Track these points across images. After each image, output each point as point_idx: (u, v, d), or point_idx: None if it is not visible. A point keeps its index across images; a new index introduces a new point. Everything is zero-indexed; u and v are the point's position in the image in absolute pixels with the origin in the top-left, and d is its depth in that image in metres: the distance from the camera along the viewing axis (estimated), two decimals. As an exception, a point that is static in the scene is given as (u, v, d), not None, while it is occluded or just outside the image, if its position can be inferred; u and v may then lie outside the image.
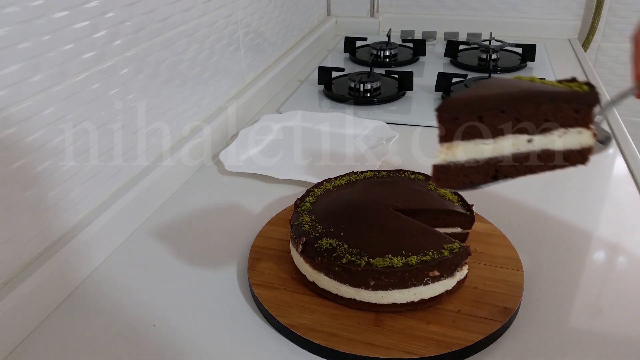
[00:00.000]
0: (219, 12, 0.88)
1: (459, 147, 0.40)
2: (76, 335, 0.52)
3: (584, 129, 0.42)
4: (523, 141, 0.41)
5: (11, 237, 0.52)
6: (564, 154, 0.42)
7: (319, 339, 0.49)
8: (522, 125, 0.40)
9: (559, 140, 0.41)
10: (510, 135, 0.40)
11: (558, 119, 0.40)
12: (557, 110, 0.40)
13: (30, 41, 0.51)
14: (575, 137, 0.42)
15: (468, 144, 0.40)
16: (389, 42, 1.34)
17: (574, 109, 0.41)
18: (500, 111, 0.39)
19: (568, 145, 0.42)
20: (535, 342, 0.50)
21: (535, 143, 0.41)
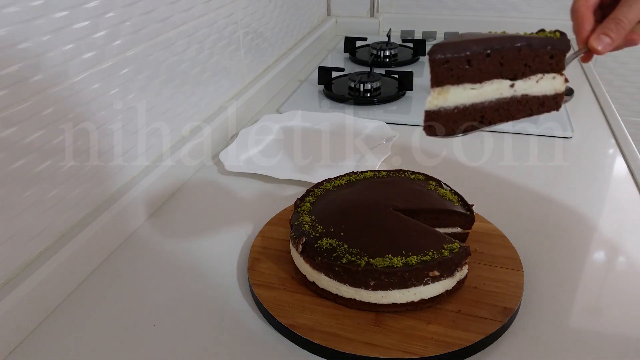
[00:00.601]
0: (219, 12, 0.88)
1: (449, 92, 0.43)
2: (76, 336, 0.52)
3: (558, 74, 0.45)
4: (506, 86, 0.44)
5: (11, 237, 0.52)
6: (540, 100, 0.45)
7: (319, 339, 0.49)
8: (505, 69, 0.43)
9: (536, 85, 0.44)
10: (494, 80, 0.43)
11: (536, 64, 0.43)
12: (535, 54, 0.43)
13: (30, 41, 0.51)
14: (550, 82, 0.45)
15: (457, 88, 0.43)
16: (389, 42, 1.34)
17: (549, 54, 0.44)
18: (486, 55, 0.42)
19: (544, 91, 0.45)
20: (535, 342, 0.50)
21: (517, 88, 0.44)
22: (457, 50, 0.42)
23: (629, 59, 1.50)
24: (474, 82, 0.43)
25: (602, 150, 0.87)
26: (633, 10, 0.44)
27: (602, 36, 0.45)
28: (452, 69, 0.42)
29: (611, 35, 0.45)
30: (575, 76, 1.20)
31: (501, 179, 0.78)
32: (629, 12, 0.44)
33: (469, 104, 0.43)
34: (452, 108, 0.43)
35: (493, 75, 0.43)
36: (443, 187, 0.63)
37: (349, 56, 1.36)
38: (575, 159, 0.84)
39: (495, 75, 0.43)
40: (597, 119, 0.98)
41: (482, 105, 0.44)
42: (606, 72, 1.52)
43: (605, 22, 0.45)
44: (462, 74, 0.43)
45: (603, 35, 0.45)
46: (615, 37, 0.45)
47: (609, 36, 0.45)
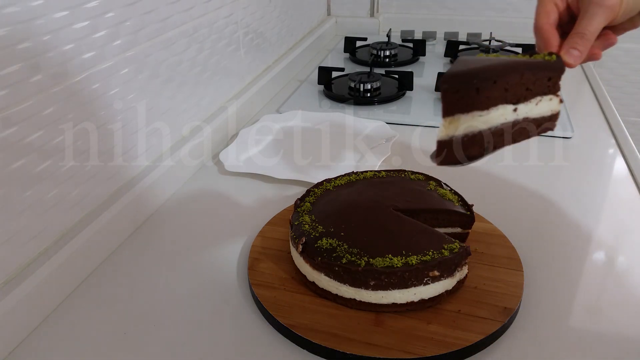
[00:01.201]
0: (219, 12, 0.88)
1: (459, 120, 0.44)
2: (76, 336, 0.52)
3: (554, 95, 0.47)
4: (510, 111, 0.45)
5: (11, 237, 0.52)
6: (538, 121, 0.47)
7: (319, 339, 0.49)
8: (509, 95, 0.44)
9: (536, 108, 0.46)
10: (500, 105, 0.44)
11: (536, 87, 0.45)
12: (536, 78, 0.45)
13: (30, 41, 0.51)
14: (547, 104, 0.46)
15: (467, 116, 0.44)
16: (389, 42, 1.34)
17: (547, 77, 0.45)
18: (493, 82, 0.43)
19: (542, 112, 0.46)
20: (535, 342, 0.50)
21: (519, 111, 0.45)
22: (466, 79, 0.43)
23: (629, 59, 1.50)
24: (481, 109, 0.44)
25: (602, 150, 0.87)
26: (593, 24, 0.47)
27: (572, 50, 0.47)
28: (463, 97, 0.43)
29: (579, 49, 0.47)
30: (575, 76, 1.20)
31: (501, 179, 0.78)
32: (590, 26, 0.47)
33: (476, 131, 0.44)
34: (461, 136, 0.44)
35: (498, 102, 0.44)
36: (443, 187, 0.63)
37: (349, 56, 1.36)
38: (575, 159, 0.84)
39: (500, 101, 0.44)
40: (597, 119, 0.98)
41: (489, 131, 0.45)
42: (606, 72, 1.52)
43: (570, 38, 0.48)
44: (471, 102, 0.43)
45: (572, 49, 0.47)
46: (582, 50, 0.47)
47: (577, 49, 0.47)
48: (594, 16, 0.47)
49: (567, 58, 0.47)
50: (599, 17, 0.47)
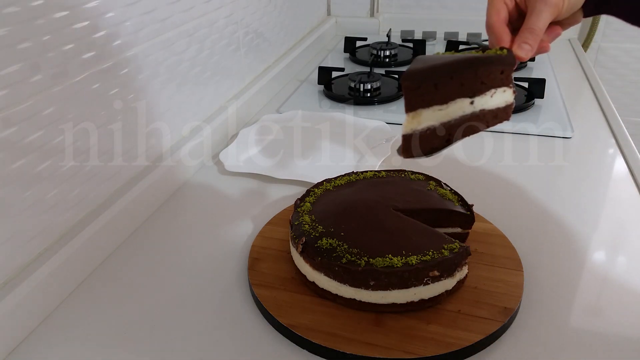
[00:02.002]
0: (219, 12, 0.88)
1: (422, 115, 0.47)
2: (76, 336, 0.52)
3: (507, 87, 0.49)
4: (467, 104, 0.47)
5: (11, 237, 0.52)
6: (494, 112, 0.49)
7: (319, 339, 0.49)
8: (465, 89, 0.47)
9: (491, 100, 0.48)
10: (457, 99, 0.47)
11: (489, 81, 0.48)
12: (489, 72, 0.47)
13: (30, 41, 0.51)
14: (502, 95, 0.49)
15: (428, 110, 0.47)
16: (389, 42, 1.34)
17: (500, 70, 0.48)
18: (450, 77, 0.46)
19: (497, 104, 0.49)
20: (535, 342, 0.50)
21: (475, 104, 0.48)
22: (426, 76, 0.46)
23: (629, 59, 1.50)
24: (440, 103, 0.47)
25: (602, 150, 0.87)
26: (542, 19, 0.50)
27: (523, 44, 0.50)
28: (423, 93, 0.46)
29: (529, 43, 0.50)
30: (575, 76, 1.20)
31: (501, 179, 0.78)
32: (539, 21, 0.50)
33: (437, 124, 0.47)
34: (424, 130, 0.47)
35: (456, 96, 0.47)
36: (443, 187, 0.63)
37: (349, 56, 1.36)
38: (575, 159, 0.84)
39: (457, 95, 0.47)
40: (597, 119, 0.98)
41: (449, 124, 0.48)
42: (606, 72, 1.52)
43: (521, 33, 0.51)
44: (431, 97, 0.47)
45: (524, 44, 0.50)
46: (532, 43, 0.51)
47: (528, 44, 0.50)
48: (541, 13, 0.50)
49: (519, 52, 0.50)
50: (545, 13, 0.50)
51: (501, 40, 0.52)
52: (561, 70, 1.23)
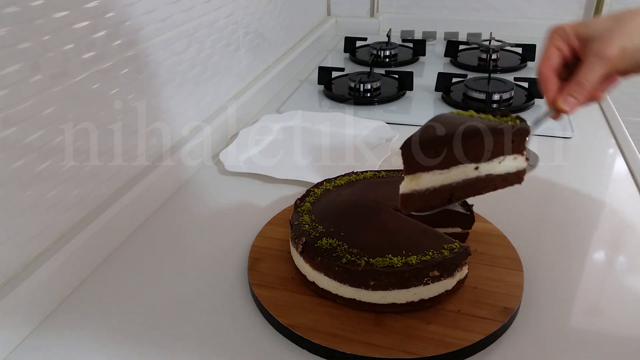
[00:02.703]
0: (219, 12, 0.88)
1: (421, 178, 0.48)
2: (76, 336, 0.52)
3: (519, 155, 0.49)
4: (471, 169, 0.48)
5: (11, 237, 0.52)
6: (503, 177, 0.49)
7: (319, 338, 0.49)
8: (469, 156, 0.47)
9: (499, 166, 0.48)
10: (460, 165, 0.48)
11: (497, 149, 0.48)
12: (497, 142, 0.47)
13: (30, 41, 0.51)
14: (512, 162, 0.49)
15: (427, 174, 0.48)
16: (389, 42, 1.34)
17: (510, 140, 0.48)
18: (451, 146, 0.47)
19: (506, 169, 0.49)
20: (535, 342, 0.50)
21: (481, 169, 0.48)
22: (427, 145, 0.47)
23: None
24: (441, 168, 0.48)
25: (602, 150, 0.87)
26: (593, 74, 0.48)
27: (569, 97, 0.49)
28: (423, 159, 0.48)
29: (576, 97, 0.49)
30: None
31: (501, 179, 0.78)
32: (590, 75, 0.48)
33: (438, 186, 0.48)
34: (423, 190, 0.48)
35: (458, 162, 0.47)
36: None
37: (349, 56, 1.36)
38: (575, 159, 0.84)
39: (460, 162, 0.47)
40: (597, 119, 0.98)
41: (450, 186, 0.48)
42: (606, 72, 1.51)
43: (569, 85, 0.49)
44: (431, 163, 0.48)
45: (569, 97, 0.49)
46: (579, 98, 0.49)
47: (574, 97, 0.49)
48: (594, 66, 0.48)
49: (563, 105, 0.49)
50: (598, 67, 0.48)
51: (546, 90, 0.50)
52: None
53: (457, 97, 1.04)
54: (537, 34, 1.46)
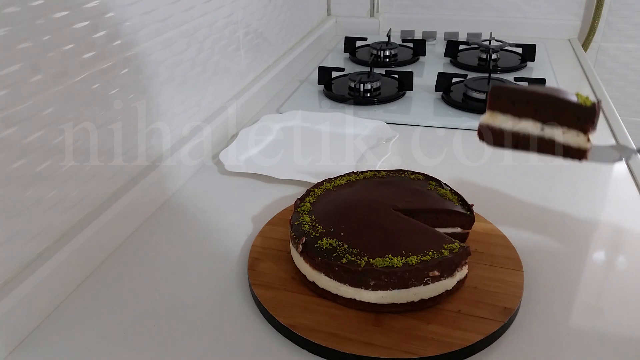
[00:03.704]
0: (219, 12, 0.88)
1: (497, 116, 0.58)
2: (76, 336, 0.52)
3: (582, 133, 0.54)
4: (537, 127, 0.56)
5: (11, 237, 0.52)
6: (565, 148, 0.56)
7: (319, 338, 0.49)
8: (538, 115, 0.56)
9: (562, 135, 0.55)
10: (529, 120, 0.57)
11: (562, 120, 0.55)
12: (562, 113, 0.55)
13: (30, 41, 0.51)
14: (574, 137, 0.55)
15: (502, 116, 0.58)
16: (389, 42, 1.34)
17: (575, 116, 0.54)
18: (526, 101, 0.56)
19: (568, 142, 0.55)
20: (535, 342, 0.50)
21: (545, 132, 0.56)
22: (508, 92, 0.57)
23: (629, 59, 1.50)
24: (514, 115, 0.57)
25: (602, 150, 0.87)
26: None
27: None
28: (502, 103, 0.57)
29: None
30: (575, 76, 1.20)
31: (501, 179, 0.78)
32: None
33: (508, 129, 0.58)
34: (496, 127, 0.58)
35: (528, 117, 0.56)
36: (443, 187, 0.63)
37: (349, 56, 1.36)
38: (575, 159, 0.83)
39: (529, 117, 0.56)
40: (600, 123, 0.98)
41: (518, 134, 0.57)
42: (606, 72, 1.52)
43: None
44: (506, 108, 0.57)
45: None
46: None
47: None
48: None
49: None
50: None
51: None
52: (561, 70, 1.23)
53: (457, 97, 1.04)
54: (537, 34, 1.47)
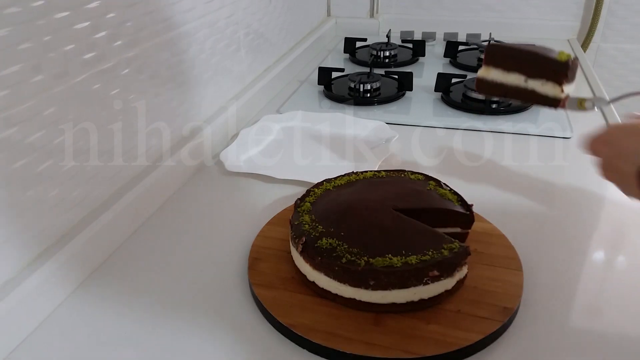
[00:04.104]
0: (220, 12, 0.88)
1: (491, 71, 0.70)
2: (76, 336, 0.52)
3: (558, 85, 0.65)
4: (522, 79, 0.68)
5: (11, 237, 0.52)
6: (543, 97, 0.67)
7: (319, 338, 0.49)
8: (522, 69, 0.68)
9: (541, 86, 0.66)
10: (516, 73, 0.68)
11: (541, 72, 0.66)
12: (542, 68, 0.66)
13: (31, 41, 0.51)
14: (552, 88, 0.66)
15: (495, 70, 0.70)
16: (388, 42, 1.34)
17: (552, 70, 0.65)
18: (512, 56, 0.68)
19: (547, 92, 0.66)
20: (535, 342, 0.50)
21: (528, 83, 0.67)
22: (500, 50, 0.70)
23: (628, 60, 1.50)
24: (504, 69, 0.69)
25: (602, 150, 0.87)
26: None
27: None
28: (495, 58, 0.70)
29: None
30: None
31: (501, 179, 0.78)
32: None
33: (499, 81, 0.70)
34: (490, 80, 0.71)
35: (515, 70, 0.68)
36: (443, 187, 0.63)
37: (348, 57, 1.37)
38: (575, 159, 0.84)
39: (516, 70, 0.68)
40: (596, 119, 0.98)
41: (506, 85, 0.69)
42: (606, 72, 1.52)
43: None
44: (498, 63, 0.70)
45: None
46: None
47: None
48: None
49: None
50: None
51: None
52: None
53: (456, 98, 1.04)
54: (536, 35, 1.47)
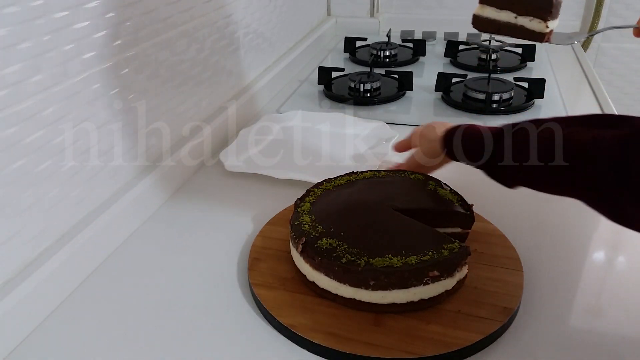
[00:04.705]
0: (219, 12, 0.88)
1: (485, 8, 0.78)
2: (76, 336, 0.52)
3: (542, 20, 0.75)
4: (512, 16, 0.77)
5: (11, 237, 0.52)
6: (530, 32, 0.76)
7: (319, 338, 0.49)
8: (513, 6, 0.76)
9: (529, 22, 0.76)
10: (507, 10, 0.77)
11: (528, 10, 0.75)
12: (529, 5, 0.75)
13: (30, 41, 0.51)
14: (537, 24, 0.75)
15: (489, 8, 0.78)
16: (388, 42, 1.34)
17: (538, 7, 0.74)
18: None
19: (533, 28, 0.76)
20: (535, 342, 0.50)
21: (518, 20, 0.76)
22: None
23: (629, 59, 1.50)
24: (497, 7, 0.77)
25: (602, 150, 0.87)
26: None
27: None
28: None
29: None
30: (575, 76, 1.20)
31: (501, 179, 0.78)
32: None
33: (492, 18, 0.78)
34: (484, 17, 0.79)
35: (506, 8, 0.76)
36: (443, 187, 0.63)
37: (349, 56, 1.36)
38: (575, 159, 0.83)
39: (507, 8, 0.76)
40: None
41: (499, 22, 0.78)
42: (606, 72, 1.52)
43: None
44: (492, 1, 0.77)
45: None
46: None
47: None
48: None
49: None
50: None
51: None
52: (561, 70, 1.23)
53: (457, 97, 1.04)
54: (537, 34, 1.47)
